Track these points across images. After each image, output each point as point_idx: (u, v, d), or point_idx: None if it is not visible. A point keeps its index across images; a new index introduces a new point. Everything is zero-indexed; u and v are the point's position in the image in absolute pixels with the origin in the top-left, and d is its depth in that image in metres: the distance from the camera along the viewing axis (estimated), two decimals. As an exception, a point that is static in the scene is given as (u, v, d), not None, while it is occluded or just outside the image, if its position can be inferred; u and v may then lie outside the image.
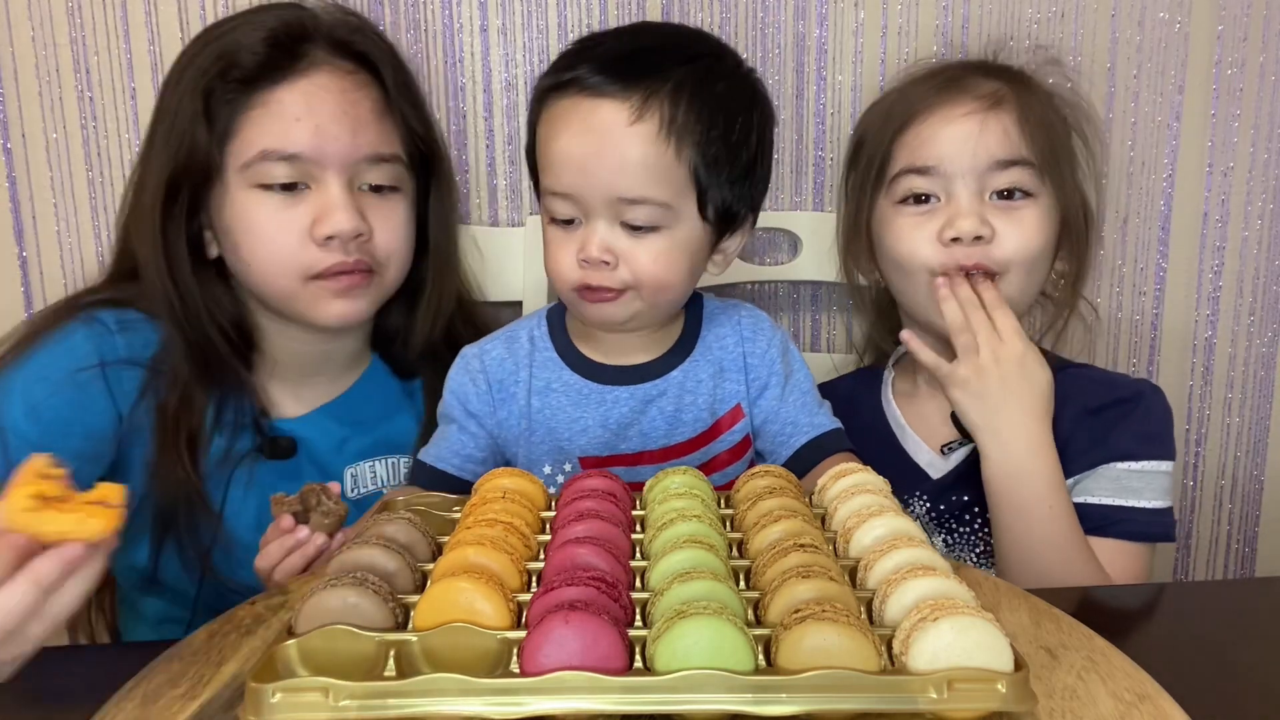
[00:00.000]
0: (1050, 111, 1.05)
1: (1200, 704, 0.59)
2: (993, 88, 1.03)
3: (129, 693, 0.63)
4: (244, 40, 0.95)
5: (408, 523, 0.71)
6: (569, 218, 0.90)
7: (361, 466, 1.07)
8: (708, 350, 1.00)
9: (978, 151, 1.00)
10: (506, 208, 1.31)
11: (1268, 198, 1.35)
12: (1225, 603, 0.84)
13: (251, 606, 0.75)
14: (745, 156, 0.92)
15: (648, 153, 0.86)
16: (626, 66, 0.87)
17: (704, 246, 0.93)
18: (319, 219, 0.95)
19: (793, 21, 1.28)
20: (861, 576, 0.65)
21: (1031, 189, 1.00)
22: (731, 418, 0.99)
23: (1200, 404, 1.40)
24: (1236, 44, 1.31)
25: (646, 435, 0.97)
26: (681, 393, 0.98)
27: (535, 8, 1.26)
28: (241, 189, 0.96)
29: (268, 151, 0.94)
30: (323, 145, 0.95)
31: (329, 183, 0.96)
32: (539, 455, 0.99)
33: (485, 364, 1.00)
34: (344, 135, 0.96)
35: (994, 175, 1.00)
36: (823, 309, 1.36)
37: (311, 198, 0.96)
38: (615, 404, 0.98)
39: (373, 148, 0.98)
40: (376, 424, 1.09)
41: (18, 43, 1.22)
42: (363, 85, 0.99)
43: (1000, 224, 0.99)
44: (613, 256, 0.89)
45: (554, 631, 0.55)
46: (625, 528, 0.71)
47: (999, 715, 0.54)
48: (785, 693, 0.53)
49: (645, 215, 0.88)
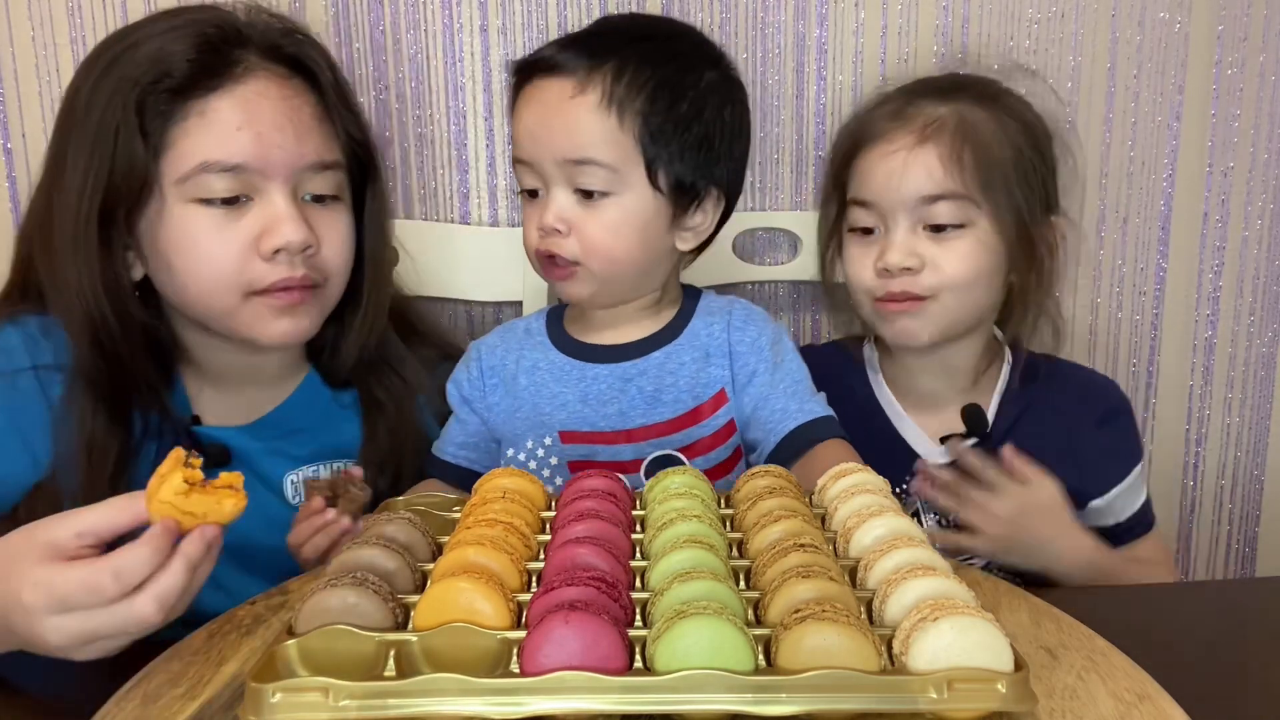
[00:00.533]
0: (999, 131, 1.05)
1: (1200, 704, 0.59)
2: (935, 115, 1.05)
3: (129, 693, 0.63)
4: (173, 47, 0.90)
5: (408, 523, 0.71)
6: (532, 188, 0.97)
7: (304, 472, 1.03)
8: (694, 336, 1.01)
9: (904, 188, 1.04)
10: (506, 208, 1.31)
11: (1268, 198, 1.35)
12: (1225, 603, 0.84)
13: (251, 606, 0.75)
14: (698, 130, 0.96)
15: (589, 119, 0.93)
16: (580, 46, 0.95)
17: (658, 219, 0.96)
18: (266, 232, 0.91)
19: (793, 21, 1.28)
20: (861, 576, 0.65)
21: (961, 219, 1.03)
22: (714, 403, 0.99)
23: (1200, 404, 1.40)
24: (1236, 44, 1.31)
25: (625, 414, 0.99)
26: (662, 373, 0.99)
27: (535, 8, 1.26)
28: (178, 204, 0.90)
29: (208, 163, 0.89)
30: (266, 154, 0.91)
31: (272, 194, 0.92)
32: (522, 430, 1.01)
33: (480, 353, 1.05)
34: (287, 143, 0.92)
35: (923, 209, 1.04)
36: (822, 309, 1.36)
37: (255, 210, 0.91)
38: (595, 380, 1.00)
39: (317, 155, 0.94)
40: (316, 433, 1.04)
41: (18, 43, 1.22)
42: (300, 91, 0.95)
43: (932, 253, 1.04)
44: (565, 225, 0.94)
45: (554, 631, 0.55)
46: (625, 528, 0.71)
47: (999, 715, 0.54)
48: (785, 693, 0.53)
49: (594, 179, 0.93)
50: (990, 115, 1.05)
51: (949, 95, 1.07)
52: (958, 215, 1.03)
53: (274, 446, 1.02)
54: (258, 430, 1.01)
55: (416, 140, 1.29)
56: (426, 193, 1.31)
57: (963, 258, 1.04)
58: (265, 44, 0.94)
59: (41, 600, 0.65)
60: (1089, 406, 1.11)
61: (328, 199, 0.96)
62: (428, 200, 1.31)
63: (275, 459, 1.01)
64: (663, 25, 1.04)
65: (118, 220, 0.90)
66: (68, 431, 0.92)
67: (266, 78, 0.92)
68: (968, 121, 1.04)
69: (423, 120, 1.29)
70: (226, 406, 1.01)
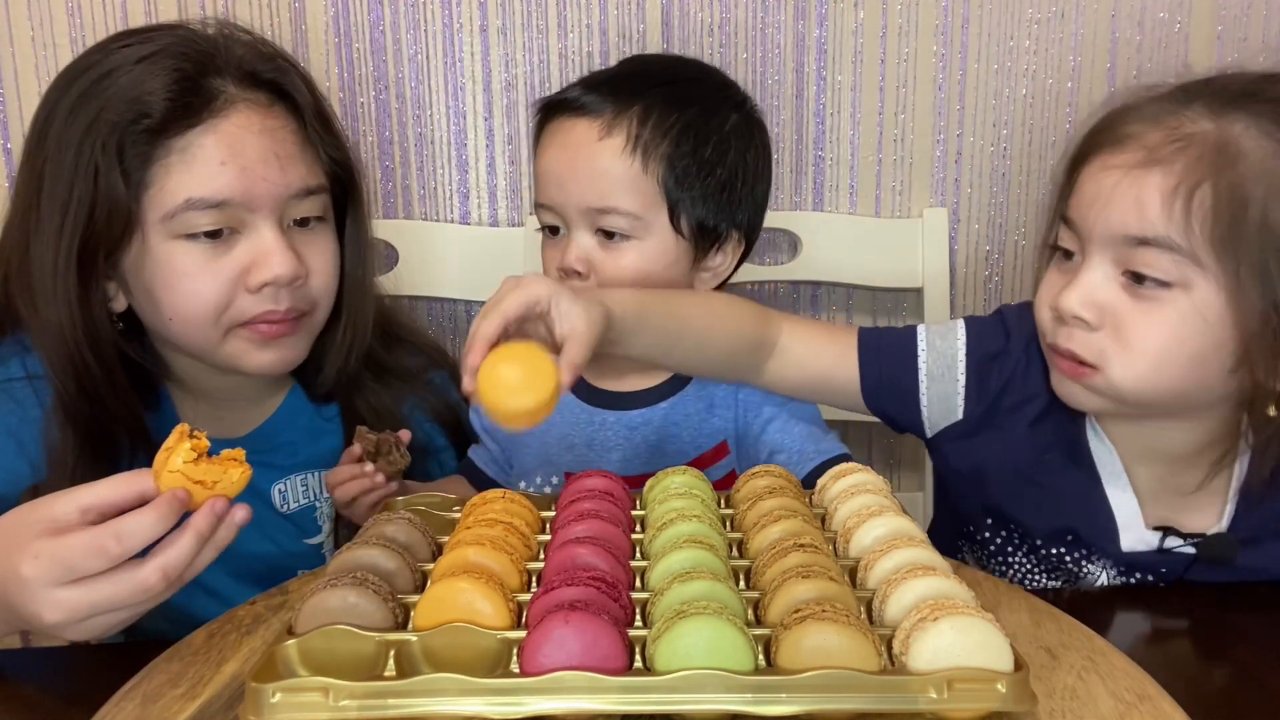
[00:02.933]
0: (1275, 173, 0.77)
1: (1200, 704, 0.59)
2: (1186, 131, 0.79)
3: (129, 693, 0.63)
4: (150, 84, 0.87)
5: (408, 523, 0.71)
6: (554, 225, 0.97)
7: (291, 480, 1.02)
8: (701, 386, 1.00)
9: (1106, 218, 0.80)
10: (506, 208, 1.31)
11: (1268, 198, 1.34)
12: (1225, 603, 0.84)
13: (251, 606, 0.75)
14: (721, 174, 0.96)
15: (614, 165, 0.93)
16: (606, 88, 0.95)
17: (679, 262, 0.96)
18: (254, 265, 0.89)
19: (793, 21, 1.28)
20: (861, 576, 0.65)
21: (1172, 277, 0.78)
22: (714, 454, 1.00)
23: (1200, 404, 1.40)
24: (1236, 44, 1.30)
25: (628, 461, 0.99)
26: (666, 424, 0.99)
27: (535, 8, 1.26)
28: (163, 242, 0.88)
29: (193, 200, 0.87)
30: (251, 188, 0.89)
31: (259, 226, 0.90)
32: (531, 467, 1.02)
33: None
34: (272, 174, 0.90)
35: (1126, 251, 0.80)
36: (823, 309, 1.36)
37: (242, 244, 0.90)
38: (602, 427, 1.00)
39: (302, 182, 0.92)
40: (301, 446, 1.04)
41: (18, 43, 1.22)
42: (282, 118, 0.93)
43: (1121, 309, 0.80)
44: (586, 266, 0.94)
45: (554, 631, 0.55)
46: (625, 528, 0.71)
47: (999, 715, 0.54)
48: (785, 693, 0.53)
49: (617, 223, 0.94)
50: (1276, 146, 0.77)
51: (1230, 106, 0.79)
52: (1168, 271, 0.78)
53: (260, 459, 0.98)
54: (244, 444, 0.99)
55: (416, 140, 1.29)
56: (426, 193, 1.31)
57: (1154, 325, 0.79)
58: (243, 71, 0.91)
59: (43, 571, 0.64)
60: None
61: (313, 221, 0.95)
62: (428, 200, 1.31)
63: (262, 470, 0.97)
64: (689, 67, 1.04)
65: (98, 260, 0.89)
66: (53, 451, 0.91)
67: (247, 109, 0.90)
68: (1230, 148, 0.77)
69: (423, 120, 1.29)
70: (213, 422, 0.99)
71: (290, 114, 0.94)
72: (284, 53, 0.97)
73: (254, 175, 0.89)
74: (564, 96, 0.97)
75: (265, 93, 0.92)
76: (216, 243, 0.89)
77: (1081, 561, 0.90)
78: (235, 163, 0.88)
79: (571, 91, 0.97)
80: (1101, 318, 0.81)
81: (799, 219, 1.30)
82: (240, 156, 0.88)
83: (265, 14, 1.24)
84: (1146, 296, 0.79)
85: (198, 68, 0.89)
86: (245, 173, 0.88)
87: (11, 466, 0.91)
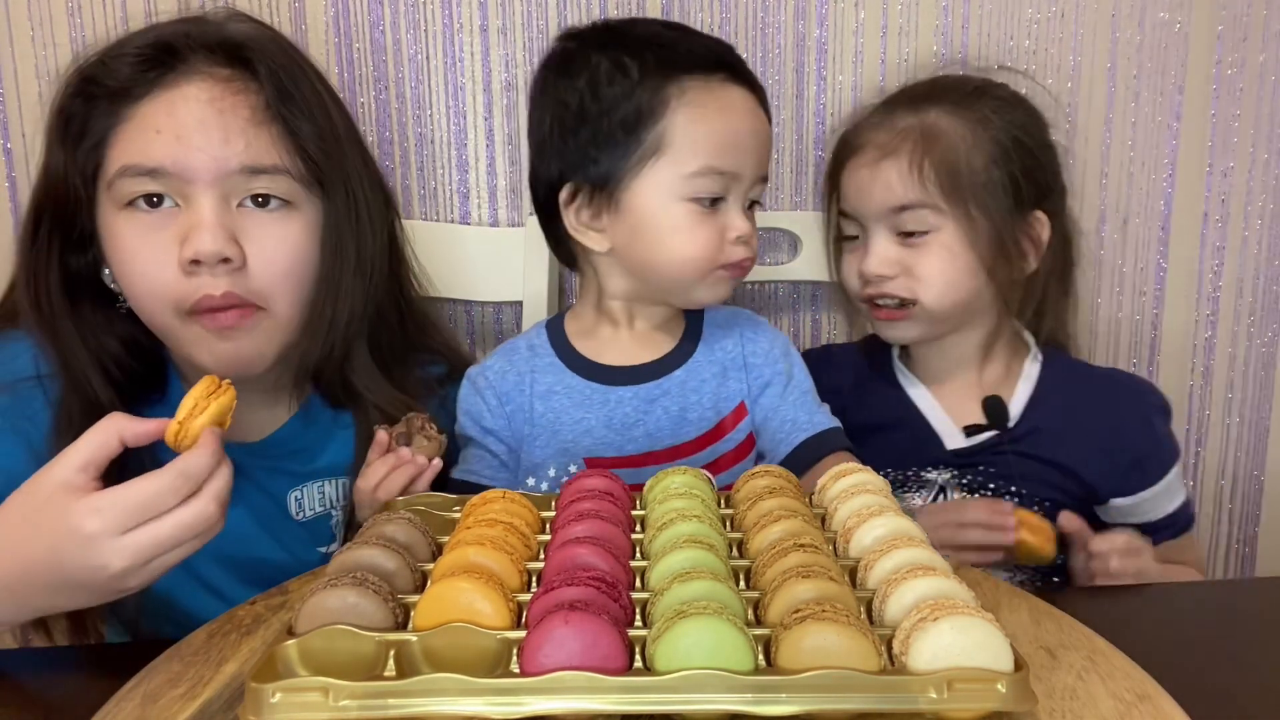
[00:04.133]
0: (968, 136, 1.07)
1: (1200, 704, 0.59)
2: (900, 127, 1.08)
3: (129, 693, 0.63)
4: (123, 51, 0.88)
5: (408, 523, 0.71)
6: (720, 194, 0.96)
7: (308, 488, 1.00)
8: (710, 352, 1.01)
9: (873, 200, 1.09)
10: (506, 208, 1.31)
11: (1268, 198, 1.35)
12: (1225, 603, 0.84)
13: (251, 606, 0.75)
14: None
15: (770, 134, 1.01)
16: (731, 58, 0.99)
17: None
18: (184, 240, 0.86)
19: (793, 21, 1.28)
20: (861, 576, 0.65)
21: (927, 226, 1.07)
22: (735, 417, 1.00)
23: (1200, 404, 1.40)
24: (1236, 44, 1.31)
25: (652, 435, 0.98)
26: (685, 391, 0.99)
27: (535, 8, 1.26)
28: (111, 211, 0.88)
29: (127, 167, 0.86)
30: (184, 157, 0.85)
31: (198, 200, 0.86)
32: (544, 458, 0.99)
33: (490, 379, 1.02)
34: (210, 145, 0.86)
35: (893, 218, 1.08)
36: (823, 309, 1.36)
37: (181, 217, 0.86)
38: (619, 404, 0.99)
39: (250, 158, 0.87)
40: (317, 454, 1.01)
41: (18, 43, 1.22)
42: (239, 91, 0.89)
43: (907, 259, 1.08)
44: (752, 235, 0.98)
45: (554, 631, 0.55)
46: (625, 528, 0.71)
47: (999, 715, 0.54)
48: (785, 693, 0.53)
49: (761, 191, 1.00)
50: (959, 121, 1.07)
51: (921, 104, 1.10)
52: (924, 223, 1.07)
53: (277, 465, 0.99)
54: (262, 449, 0.99)
55: (416, 140, 1.29)
56: (426, 193, 1.31)
57: (932, 260, 1.07)
58: (212, 43, 0.89)
59: (111, 520, 0.67)
60: (1129, 405, 1.12)
61: (274, 201, 0.89)
62: (428, 200, 1.31)
63: (279, 477, 0.99)
64: None
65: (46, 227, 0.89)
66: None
67: (201, 80, 0.88)
68: (932, 131, 1.07)
69: (423, 120, 1.29)
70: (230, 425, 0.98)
71: (254, 89, 0.90)
72: (273, 33, 0.95)
73: (189, 144, 0.86)
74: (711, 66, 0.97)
75: (231, 66, 0.89)
76: (156, 214, 0.86)
77: (920, 473, 1.12)
78: (170, 130, 0.86)
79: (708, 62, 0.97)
80: (895, 269, 1.08)
81: (799, 219, 1.30)
82: (176, 125, 0.86)
83: (265, 14, 1.24)
84: (917, 245, 1.08)
85: (177, 38, 0.89)
86: (180, 141, 0.86)
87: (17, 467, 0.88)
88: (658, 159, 0.94)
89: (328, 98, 0.95)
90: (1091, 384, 1.14)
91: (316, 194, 0.92)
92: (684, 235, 0.95)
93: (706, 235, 0.95)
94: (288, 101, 0.90)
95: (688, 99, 0.94)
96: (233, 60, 0.89)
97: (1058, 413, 1.11)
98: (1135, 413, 1.11)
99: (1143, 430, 1.11)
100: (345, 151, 0.95)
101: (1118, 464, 1.08)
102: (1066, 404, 1.11)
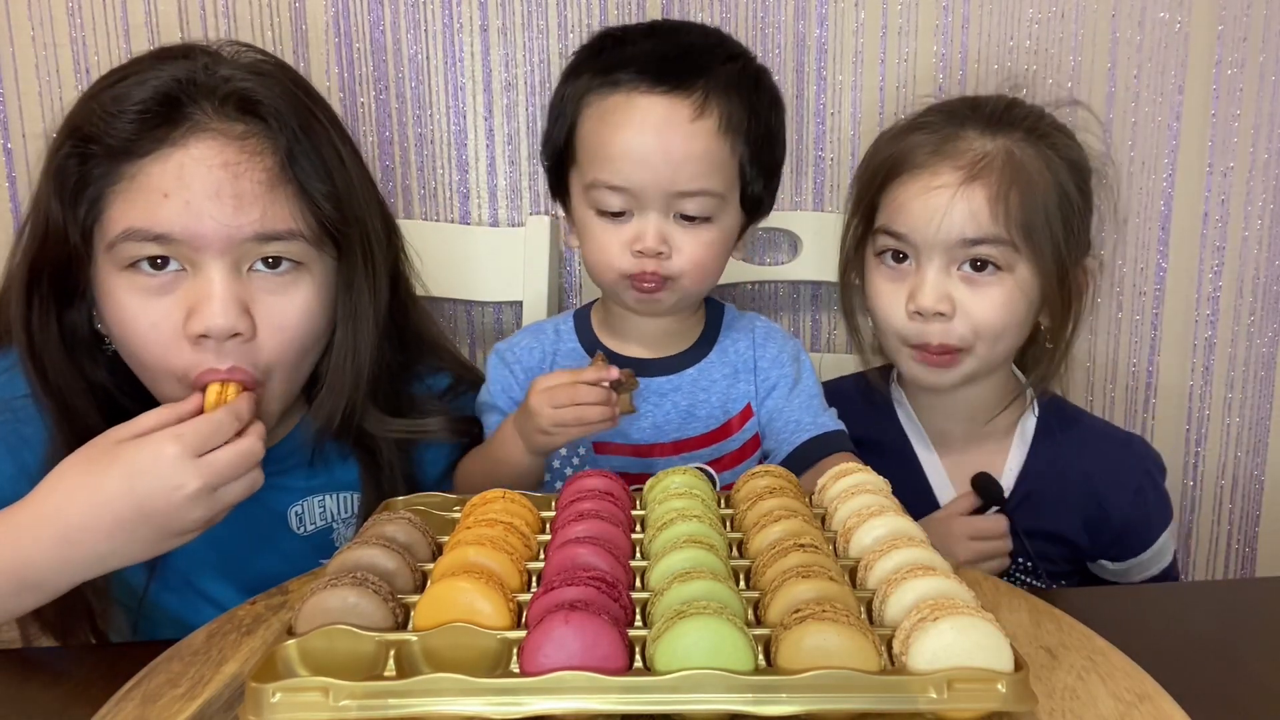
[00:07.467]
0: (1045, 171, 1.00)
1: (1200, 704, 0.59)
2: (983, 152, 0.99)
3: (129, 693, 0.63)
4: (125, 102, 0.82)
5: (407, 523, 0.71)
6: (620, 210, 0.92)
7: (309, 502, 0.99)
8: (724, 353, 1.03)
9: (946, 229, 0.98)
10: (506, 208, 1.31)
11: (1268, 198, 1.35)
12: (1225, 603, 0.84)
13: (251, 606, 0.75)
14: (778, 149, 0.99)
15: (710, 147, 0.91)
16: (678, 65, 0.91)
17: (736, 235, 0.99)
18: (192, 311, 0.81)
19: (793, 21, 1.28)
20: (861, 576, 0.65)
21: (1001, 263, 0.99)
22: (742, 418, 1.02)
23: (1200, 404, 1.40)
24: (1236, 44, 1.30)
25: (660, 428, 1.00)
26: (695, 389, 1.01)
27: (535, 8, 1.26)
28: (111, 273, 0.83)
29: (131, 231, 0.81)
30: (195, 226, 0.81)
31: (207, 268, 0.82)
32: None
33: (518, 354, 1.03)
34: (222, 214, 0.81)
35: (961, 251, 0.99)
36: (823, 309, 1.36)
37: (187, 284, 0.82)
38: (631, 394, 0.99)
39: (263, 225, 0.83)
40: (318, 470, 0.99)
41: (18, 43, 1.22)
42: (253, 151, 0.83)
43: (963, 296, 0.99)
44: (667, 247, 0.92)
45: (554, 631, 0.55)
46: (625, 528, 0.71)
47: (999, 715, 0.54)
48: (785, 693, 0.53)
49: (699, 206, 0.92)
50: (1038, 154, 1.00)
51: (997, 128, 1.01)
52: (997, 260, 0.99)
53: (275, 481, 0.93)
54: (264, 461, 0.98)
55: (416, 140, 1.29)
56: (426, 193, 1.31)
57: (997, 305, 0.99)
58: (224, 95, 0.84)
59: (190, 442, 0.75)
60: (1121, 474, 1.08)
61: (286, 264, 0.85)
62: (428, 200, 1.31)
63: (279, 493, 0.96)
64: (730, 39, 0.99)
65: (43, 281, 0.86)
66: None
67: (212, 138, 0.82)
68: (1016, 160, 0.99)
69: (423, 120, 1.29)
70: None
71: (269, 148, 0.84)
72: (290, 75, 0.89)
73: (199, 212, 0.81)
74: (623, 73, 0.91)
75: (244, 122, 0.84)
76: (160, 277, 0.82)
77: None
78: (180, 196, 0.81)
79: (629, 68, 0.91)
80: (953, 307, 0.99)
81: (799, 219, 1.30)
82: (186, 190, 0.81)
83: (265, 14, 1.24)
84: (981, 283, 0.99)
85: (182, 90, 0.83)
86: (189, 208, 0.81)
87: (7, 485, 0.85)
88: (574, 165, 0.96)
89: (340, 144, 0.90)
90: (1084, 449, 1.09)
91: (329, 251, 0.89)
92: (592, 243, 0.95)
93: (607, 244, 0.93)
94: (303, 158, 0.85)
95: (595, 109, 0.92)
96: (243, 113, 0.84)
97: (1049, 481, 1.07)
98: (1126, 483, 1.08)
99: (1133, 501, 1.07)
100: (360, 202, 0.91)
101: (1103, 534, 1.07)
102: (1057, 471, 1.08)
